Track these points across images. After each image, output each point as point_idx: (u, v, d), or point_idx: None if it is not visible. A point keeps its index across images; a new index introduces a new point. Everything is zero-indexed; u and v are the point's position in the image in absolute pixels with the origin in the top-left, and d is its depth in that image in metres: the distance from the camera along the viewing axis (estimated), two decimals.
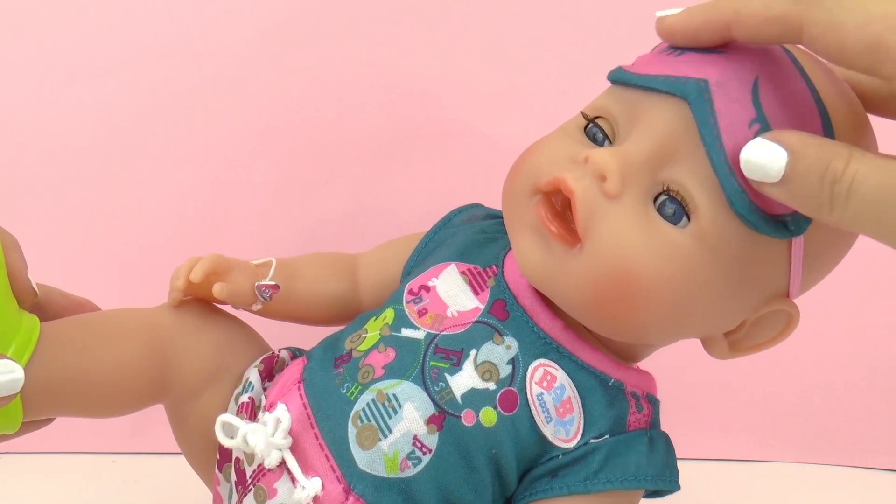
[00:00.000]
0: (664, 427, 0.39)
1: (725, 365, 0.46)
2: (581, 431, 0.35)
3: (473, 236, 0.41)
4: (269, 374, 0.41)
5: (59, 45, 0.62)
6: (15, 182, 0.63)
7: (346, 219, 0.66)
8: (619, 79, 0.34)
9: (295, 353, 0.43)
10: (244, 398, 0.39)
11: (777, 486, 0.66)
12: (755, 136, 0.29)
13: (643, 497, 0.38)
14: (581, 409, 0.35)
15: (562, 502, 0.35)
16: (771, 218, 0.30)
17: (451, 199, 0.47)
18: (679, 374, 0.69)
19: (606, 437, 0.35)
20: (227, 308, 0.44)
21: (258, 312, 0.43)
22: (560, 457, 0.35)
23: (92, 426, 0.66)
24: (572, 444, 0.35)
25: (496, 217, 0.43)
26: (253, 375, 0.40)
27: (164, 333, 0.40)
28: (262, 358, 0.42)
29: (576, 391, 0.35)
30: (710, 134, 0.30)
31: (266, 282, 0.41)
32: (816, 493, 0.66)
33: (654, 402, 0.38)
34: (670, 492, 0.38)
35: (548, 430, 0.35)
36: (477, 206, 0.44)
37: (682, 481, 0.38)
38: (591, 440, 0.35)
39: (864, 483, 0.67)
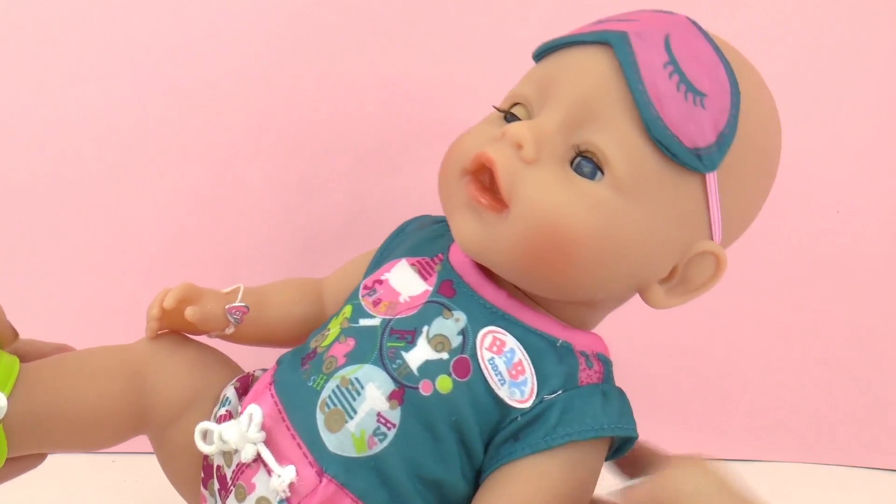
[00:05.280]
0: (666, 425, 0.39)
1: (725, 365, 0.46)
2: (535, 390, 0.36)
3: (422, 235, 0.44)
4: (244, 390, 0.42)
5: (59, 45, 0.62)
6: (15, 182, 0.63)
7: (345, 219, 0.66)
8: (548, 46, 0.38)
9: None
10: (221, 411, 0.41)
11: (777, 486, 0.66)
12: (668, 77, 0.33)
13: (606, 460, 0.39)
14: (532, 370, 0.37)
15: (527, 462, 0.36)
16: (687, 149, 0.34)
17: None
18: (679, 374, 0.69)
19: (560, 392, 0.36)
20: (202, 338, 0.45)
21: (230, 337, 0.45)
22: (519, 418, 0.36)
23: None
24: (528, 404, 0.36)
25: (442, 221, 0.45)
26: (230, 392, 0.42)
27: (140, 367, 0.42)
28: (238, 377, 0.43)
29: (525, 353, 0.37)
30: (631, 69, 0.33)
31: (236, 304, 0.43)
32: (816, 493, 0.66)
33: (604, 361, 0.39)
34: (631, 443, 0.39)
35: (503, 392, 0.36)
36: (426, 216, 0.47)
37: None
38: (546, 397, 0.36)
39: (864, 483, 0.67)
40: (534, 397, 0.36)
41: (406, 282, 0.40)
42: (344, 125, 0.64)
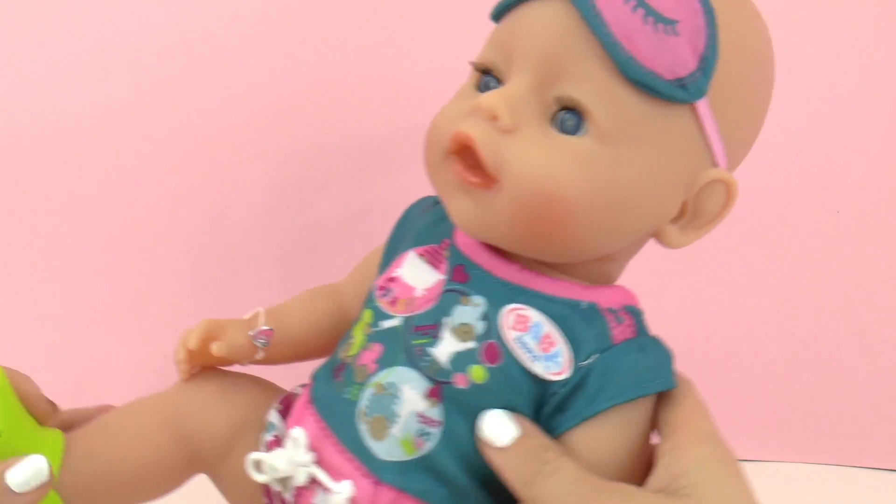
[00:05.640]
0: None
1: (725, 366, 0.46)
2: (570, 359, 0.35)
3: (425, 221, 0.42)
4: (287, 411, 0.42)
5: (58, 45, 0.62)
6: (14, 181, 0.63)
7: (345, 219, 0.66)
8: (504, 5, 0.35)
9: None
10: (269, 437, 0.41)
11: (777, 486, 0.66)
12: (631, 11, 0.31)
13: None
14: (563, 339, 0.35)
15: (577, 433, 0.35)
16: (668, 81, 0.32)
17: None
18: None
19: (595, 356, 0.35)
20: (236, 367, 0.45)
21: (263, 361, 0.44)
22: (561, 391, 0.35)
23: None
24: (566, 374, 0.35)
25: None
26: (273, 416, 0.41)
27: (180, 411, 0.42)
28: (279, 399, 0.43)
29: (552, 324, 0.36)
30: (591, 13, 0.31)
31: (259, 329, 0.43)
32: (816, 493, 0.66)
33: (634, 313, 0.38)
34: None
35: (538, 368, 0.35)
36: (427, 197, 0.45)
37: None
38: (582, 364, 0.35)
39: (864, 483, 0.67)
40: (570, 367, 0.35)
41: (418, 274, 0.39)
42: (344, 125, 0.64)
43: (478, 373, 0.35)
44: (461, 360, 0.35)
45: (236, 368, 0.45)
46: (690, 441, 0.34)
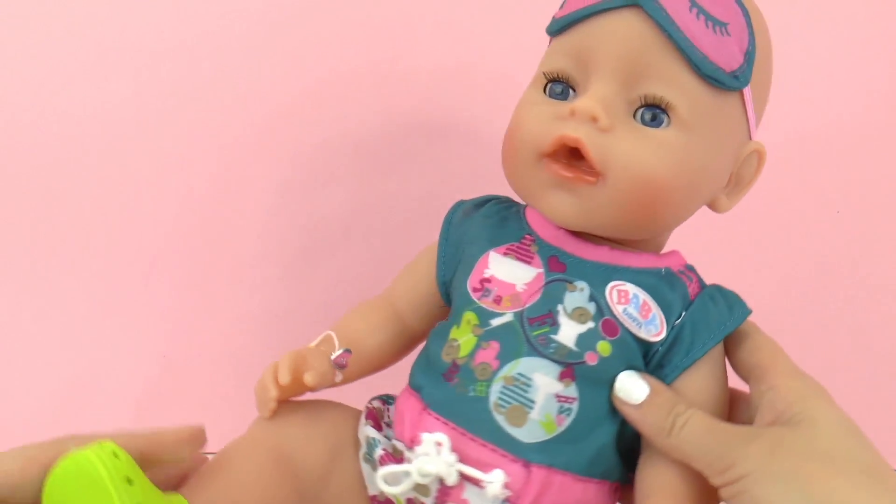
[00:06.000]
0: None
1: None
2: (665, 321, 0.40)
3: (485, 224, 0.45)
4: (378, 426, 0.43)
5: (58, 45, 0.62)
6: (15, 182, 0.63)
7: (346, 219, 0.66)
8: (570, 19, 0.40)
9: (384, 399, 0.45)
10: (379, 452, 0.41)
11: None
12: (696, 18, 0.37)
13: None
14: (656, 305, 0.41)
15: (677, 384, 0.40)
16: (728, 74, 0.38)
17: (451, 198, 0.47)
18: None
19: (683, 314, 0.41)
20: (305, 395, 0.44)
21: (339, 383, 0.44)
22: (660, 349, 0.40)
23: (92, 426, 0.66)
24: (664, 335, 0.40)
25: (486, 203, 0.47)
26: (370, 432, 0.42)
27: (283, 449, 0.41)
28: (363, 416, 0.44)
29: (646, 293, 0.41)
30: (668, 21, 0.37)
31: (338, 352, 0.43)
32: None
33: (693, 270, 0.44)
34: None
35: (643, 333, 0.40)
36: (461, 202, 0.48)
37: None
38: (675, 323, 0.41)
39: None
40: (665, 327, 0.40)
41: (513, 271, 0.42)
42: (344, 125, 0.64)
43: (604, 347, 0.39)
44: (587, 340, 0.39)
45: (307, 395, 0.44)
46: (784, 380, 0.38)
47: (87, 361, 0.65)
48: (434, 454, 0.39)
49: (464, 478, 0.39)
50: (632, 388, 0.39)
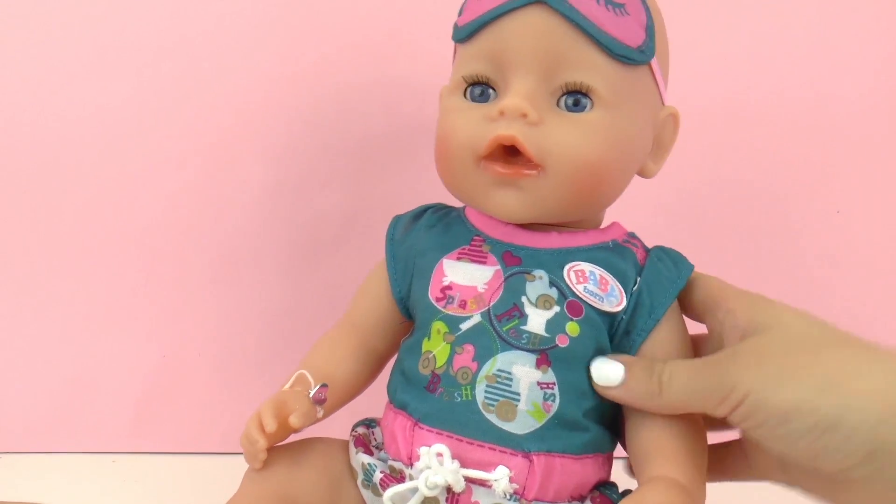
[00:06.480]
0: None
1: None
2: (623, 291, 0.42)
3: (430, 233, 0.46)
4: (368, 451, 0.43)
5: (57, 45, 0.62)
6: (14, 181, 0.63)
7: (345, 219, 0.66)
8: (478, 24, 0.41)
9: (367, 423, 0.46)
10: (378, 475, 0.41)
11: (777, 486, 0.66)
12: (597, 4, 0.39)
13: None
14: (612, 277, 0.42)
15: (646, 346, 0.42)
16: (635, 50, 0.40)
17: (451, 198, 0.47)
18: None
19: (638, 279, 0.43)
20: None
21: (321, 418, 0.44)
22: (623, 318, 0.42)
23: (92, 426, 0.66)
24: (624, 303, 0.42)
25: (423, 212, 0.48)
26: (364, 458, 0.42)
27: (281, 494, 0.41)
28: (351, 444, 0.44)
29: (600, 268, 0.42)
30: (574, 12, 0.39)
31: (315, 388, 0.43)
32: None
33: (635, 236, 0.46)
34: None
35: (606, 306, 0.41)
36: (398, 217, 0.49)
37: None
38: (633, 290, 0.42)
39: None
40: (625, 296, 0.42)
41: (470, 274, 0.43)
42: (344, 125, 0.64)
43: (573, 328, 0.41)
44: (556, 324, 0.41)
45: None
46: (736, 300, 0.40)
47: (87, 361, 0.65)
48: (437, 465, 0.39)
49: (470, 482, 0.39)
50: (608, 371, 0.40)
